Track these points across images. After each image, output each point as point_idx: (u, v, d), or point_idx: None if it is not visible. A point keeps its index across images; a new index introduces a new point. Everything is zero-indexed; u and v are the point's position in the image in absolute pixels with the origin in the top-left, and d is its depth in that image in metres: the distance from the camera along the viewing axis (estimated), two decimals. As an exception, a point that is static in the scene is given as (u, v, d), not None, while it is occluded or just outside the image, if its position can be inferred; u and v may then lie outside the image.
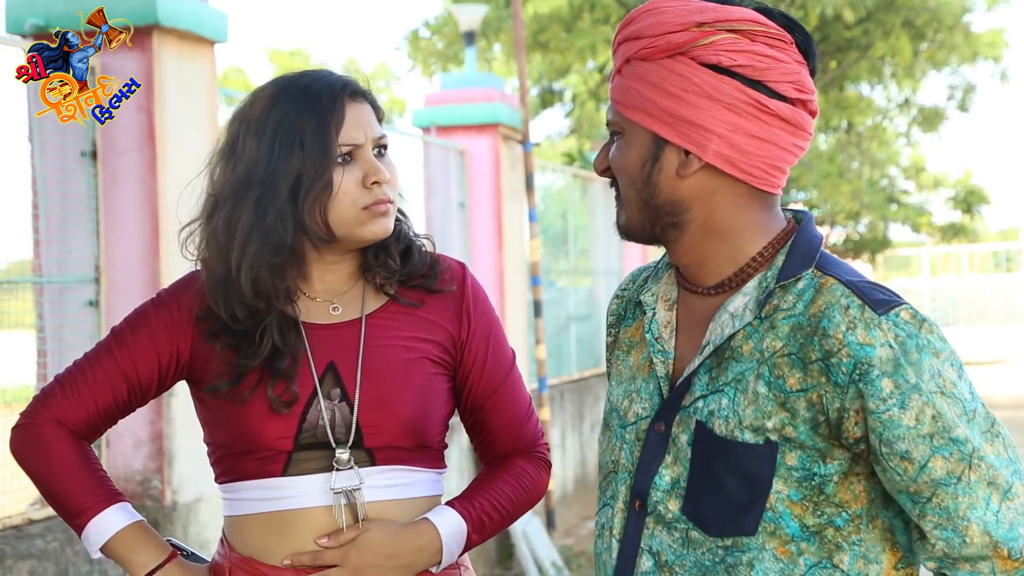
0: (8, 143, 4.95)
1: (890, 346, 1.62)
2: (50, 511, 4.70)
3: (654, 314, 1.84)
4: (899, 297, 1.67)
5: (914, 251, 26.37)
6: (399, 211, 2.16)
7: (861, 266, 21.08)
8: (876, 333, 1.62)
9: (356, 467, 2.03)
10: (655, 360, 1.80)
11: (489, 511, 2.13)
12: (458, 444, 7.53)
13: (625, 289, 1.97)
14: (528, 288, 9.18)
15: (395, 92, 34.70)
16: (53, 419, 2.09)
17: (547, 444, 2.25)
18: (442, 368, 2.12)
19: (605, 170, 1.80)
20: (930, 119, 17.68)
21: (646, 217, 1.75)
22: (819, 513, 1.67)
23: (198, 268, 2.12)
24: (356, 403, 2.03)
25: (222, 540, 2.13)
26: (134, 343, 2.10)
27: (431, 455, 2.12)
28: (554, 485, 9.04)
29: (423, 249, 2.17)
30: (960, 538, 1.61)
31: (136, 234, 5.09)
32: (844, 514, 1.68)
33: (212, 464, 2.13)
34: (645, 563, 1.74)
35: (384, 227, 2.06)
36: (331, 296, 2.11)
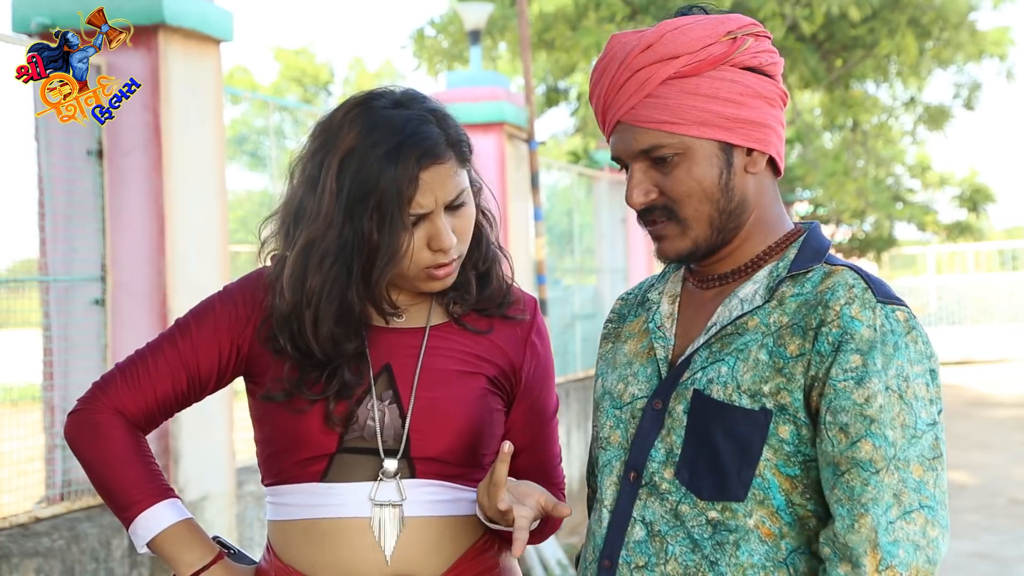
0: (14, 142, 4.96)
1: (874, 330, 1.69)
2: (56, 509, 4.72)
3: (657, 307, 1.91)
4: (903, 302, 1.74)
5: (920, 249, 26.35)
6: (485, 218, 2.11)
7: (867, 264, 21.05)
8: (868, 314, 1.70)
9: (400, 480, 1.98)
10: (656, 345, 1.86)
11: None
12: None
13: (630, 293, 2.04)
14: (533, 287, 9.18)
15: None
16: (111, 407, 2.04)
17: (564, 480, 2.21)
18: (498, 390, 2.08)
19: (652, 201, 1.80)
20: (936, 117, 17.65)
21: (717, 228, 1.80)
22: (807, 496, 1.72)
23: (266, 265, 2.09)
24: (410, 409, 1.99)
25: (268, 545, 2.09)
26: (198, 334, 2.06)
27: (475, 475, 2.06)
28: (559, 483, 9.01)
29: (501, 275, 2.13)
30: (851, 521, 1.65)
31: (142, 233, 5.09)
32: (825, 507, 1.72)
33: (260, 464, 2.10)
34: (638, 532, 1.78)
35: (443, 285, 2.03)
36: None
